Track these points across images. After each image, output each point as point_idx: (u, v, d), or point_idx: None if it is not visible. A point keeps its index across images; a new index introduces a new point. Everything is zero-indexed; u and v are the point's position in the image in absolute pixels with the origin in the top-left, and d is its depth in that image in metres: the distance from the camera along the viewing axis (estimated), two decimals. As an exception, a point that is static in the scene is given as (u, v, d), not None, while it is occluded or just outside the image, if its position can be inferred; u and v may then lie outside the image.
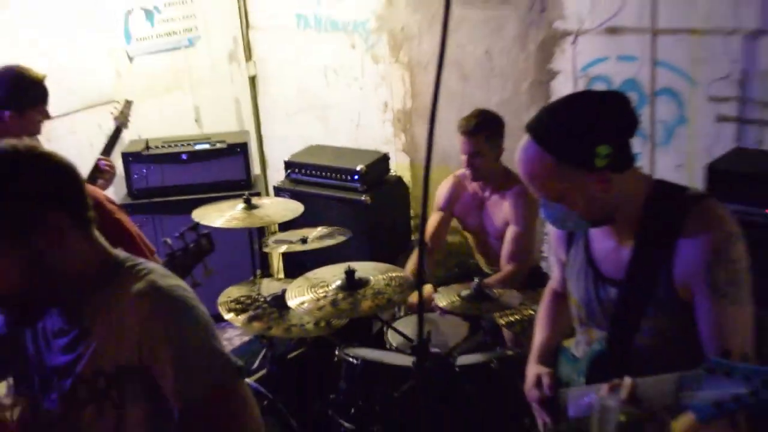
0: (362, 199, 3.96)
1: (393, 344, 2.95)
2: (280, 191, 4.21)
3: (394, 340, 2.97)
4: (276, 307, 2.89)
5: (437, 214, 3.51)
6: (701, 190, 2.01)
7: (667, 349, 1.66)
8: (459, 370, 2.67)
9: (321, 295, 2.64)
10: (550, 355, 2.00)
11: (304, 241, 3.25)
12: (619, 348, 1.72)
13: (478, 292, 2.70)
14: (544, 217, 1.72)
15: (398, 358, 2.79)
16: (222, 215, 3.22)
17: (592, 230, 1.77)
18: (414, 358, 2.63)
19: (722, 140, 3.32)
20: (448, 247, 3.98)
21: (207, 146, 4.23)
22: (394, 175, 4.28)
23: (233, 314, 2.87)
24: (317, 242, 3.25)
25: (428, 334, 2.86)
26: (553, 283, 2.09)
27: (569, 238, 1.87)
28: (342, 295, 2.62)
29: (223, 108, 4.95)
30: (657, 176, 1.77)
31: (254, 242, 4.05)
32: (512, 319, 2.76)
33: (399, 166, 4.46)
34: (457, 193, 3.47)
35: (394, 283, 2.68)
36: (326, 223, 3.46)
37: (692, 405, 1.23)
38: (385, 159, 4.22)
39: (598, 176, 1.58)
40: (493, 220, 3.34)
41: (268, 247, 3.32)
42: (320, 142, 4.58)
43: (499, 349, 2.89)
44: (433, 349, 2.79)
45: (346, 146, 4.48)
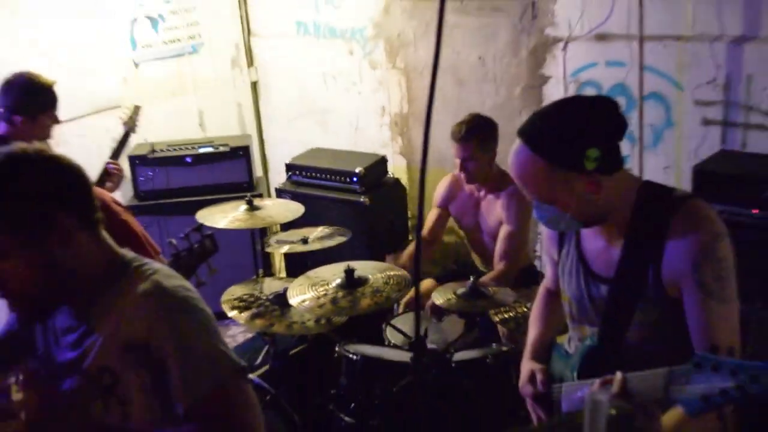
0: (361, 200, 3.98)
1: (392, 341, 2.96)
2: (281, 193, 4.21)
3: (393, 338, 2.98)
4: (278, 305, 2.92)
5: (435, 211, 3.54)
6: (688, 191, 2.05)
7: (656, 345, 1.67)
8: (455, 365, 2.69)
9: (321, 293, 2.67)
10: (544, 352, 2.02)
11: (305, 241, 3.26)
12: (610, 344, 1.73)
13: (474, 290, 2.72)
14: (537, 218, 1.74)
15: (397, 354, 2.80)
16: (225, 216, 3.23)
17: (584, 230, 1.78)
18: (412, 354, 2.64)
19: (708, 143, 3.33)
20: (444, 246, 4.00)
21: (210, 149, 4.24)
22: (392, 177, 4.27)
23: (236, 312, 2.89)
24: (318, 242, 3.26)
25: (425, 330, 2.90)
26: (547, 281, 2.11)
27: (561, 238, 1.88)
28: (342, 293, 2.65)
29: (226, 112, 4.95)
30: (646, 178, 1.78)
31: (256, 242, 4.07)
32: (507, 316, 2.78)
33: (396, 168, 4.44)
34: (454, 192, 3.49)
35: (392, 282, 2.70)
36: (326, 224, 3.46)
37: (681, 399, 1.24)
38: (383, 161, 4.23)
39: (588, 178, 1.59)
40: (488, 220, 3.35)
41: (270, 247, 3.33)
42: (320, 146, 4.57)
43: (494, 345, 2.89)
44: (430, 346, 2.82)
45: (345, 149, 4.48)
